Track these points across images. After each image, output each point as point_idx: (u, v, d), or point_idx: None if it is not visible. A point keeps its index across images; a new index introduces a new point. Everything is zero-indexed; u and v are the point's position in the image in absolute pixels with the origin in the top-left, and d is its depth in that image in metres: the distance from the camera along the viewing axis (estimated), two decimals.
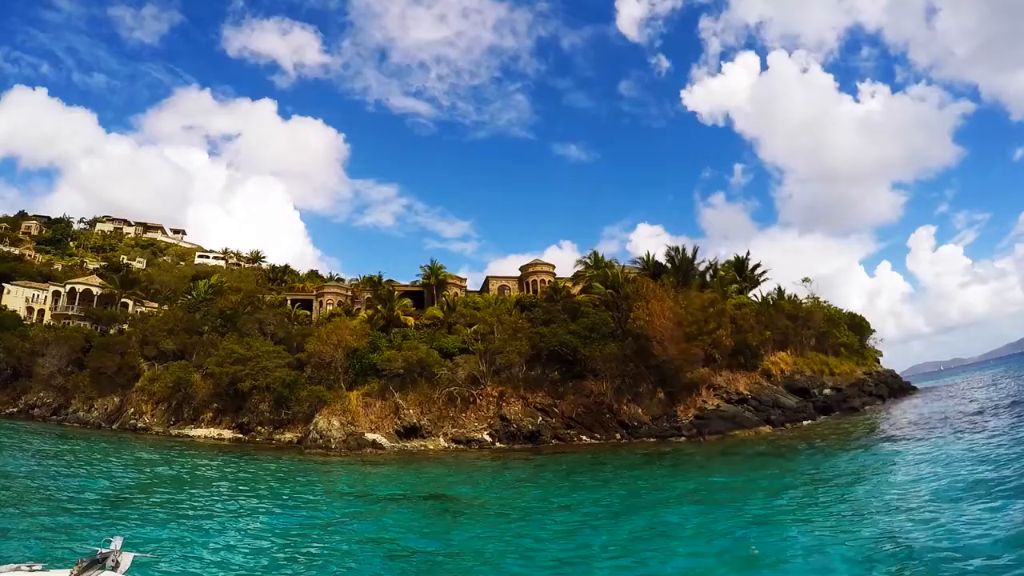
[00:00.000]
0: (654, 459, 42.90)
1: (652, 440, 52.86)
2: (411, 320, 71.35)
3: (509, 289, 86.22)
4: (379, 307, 73.27)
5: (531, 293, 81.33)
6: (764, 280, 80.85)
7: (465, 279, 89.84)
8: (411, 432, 56.75)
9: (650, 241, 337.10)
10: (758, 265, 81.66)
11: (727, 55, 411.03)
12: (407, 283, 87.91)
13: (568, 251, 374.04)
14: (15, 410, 72.38)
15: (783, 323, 65.40)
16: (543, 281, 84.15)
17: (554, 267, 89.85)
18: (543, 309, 67.28)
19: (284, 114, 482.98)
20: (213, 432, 62.24)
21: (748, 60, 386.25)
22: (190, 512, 25.91)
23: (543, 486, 34.50)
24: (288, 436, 59.51)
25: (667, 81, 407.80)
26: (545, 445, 53.60)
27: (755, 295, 76.91)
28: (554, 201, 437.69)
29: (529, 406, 57.77)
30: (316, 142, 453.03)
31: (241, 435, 61.21)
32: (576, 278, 78.81)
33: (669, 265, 72.86)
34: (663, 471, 37.58)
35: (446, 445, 55.29)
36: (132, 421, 66.09)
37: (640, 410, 56.46)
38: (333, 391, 60.04)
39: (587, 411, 56.79)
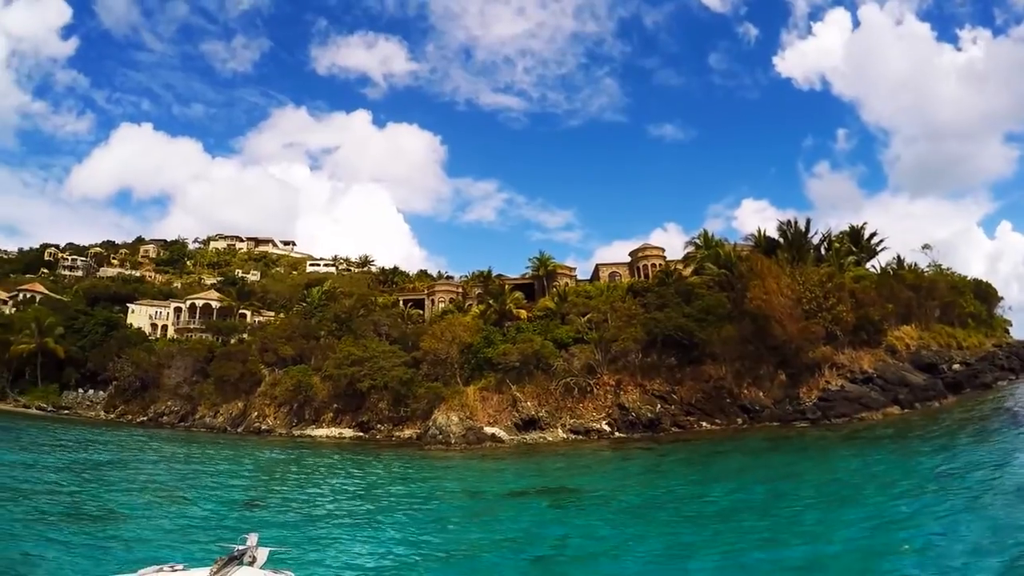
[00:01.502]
0: (780, 445, 43.05)
1: (775, 425, 52.81)
2: (523, 313, 73.79)
3: (619, 275, 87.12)
4: (491, 302, 76.12)
5: (642, 278, 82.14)
6: (881, 250, 77.92)
7: (574, 268, 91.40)
8: (529, 424, 58.95)
9: (756, 217, 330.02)
10: (874, 234, 78.63)
11: (816, 15, 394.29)
12: (516, 276, 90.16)
13: (673, 233, 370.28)
14: (145, 419, 78.89)
15: (905, 295, 63.16)
16: (654, 265, 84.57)
17: (664, 250, 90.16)
18: (656, 294, 68.12)
19: (379, 123, 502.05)
20: (334, 432, 65.91)
21: (838, 17, 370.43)
22: (317, 510, 27.76)
23: (669, 476, 34.91)
24: (407, 432, 62.55)
25: (757, 49, 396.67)
26: (665, 433, 54.68)
27: (873, 266, 74.52)
28: (655, 183, 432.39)
29: (647, 393, 59.02)
30: (413, 146, 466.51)
31: (362, 433, 64.79)
32: (687, 260, 79.40)
33: (781, 240, 72.21)
34: (792, 458, 37.63)
35: (564, 436, 57.03)
36: (256, 424, 71.12)
37: (761, 393, 56.58)
38: (450, 387, 62.91)
39: (706, 396, 57.41)
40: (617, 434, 55.91)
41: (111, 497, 29.47)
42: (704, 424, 55.71)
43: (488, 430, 58.32)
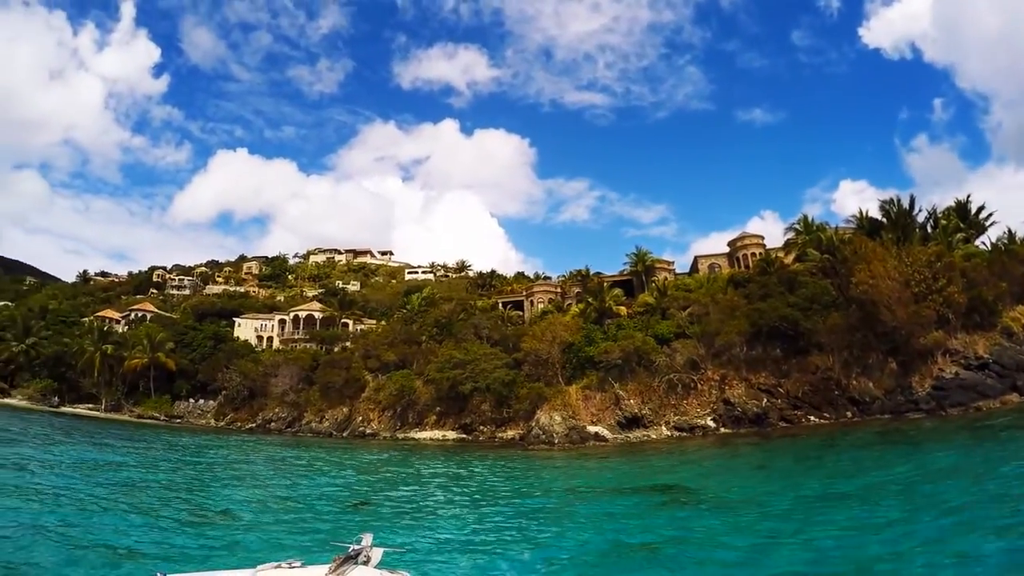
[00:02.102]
0: (896, 439, 41.35)
1: (886, 417, 50.77)
2: (623, 309, 73.94)
3: (719, 267, 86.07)
4: (590, 300, 76.71)
5: (742, 268, 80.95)
6: (991, 224, 73.39)
7: (672, 262, 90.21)
8: (633, 422, 59.22)
9: (855, 198, 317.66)
10: (981, 208, 74.23)
11: None
12: (614, 273, 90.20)
13: (771, 221, 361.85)
14: (254, 425, 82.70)
15: (1019, 271, 59.30)
16: (753, 254, 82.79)
17: (763, 238, 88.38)
18: (757, 283, 67.17)
19: (466, 130, 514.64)
20: (438, 434, 67.53)
21: None
22: (424, 510, 28.16)
23: (780, 472, 34.31)
24: (510, 433, 63.65)
25: (840, 22, 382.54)
26: (772, 428, 54.00)
27: (983, 243, 70.96)
28: (748, 171, 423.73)
29: (752, 388, 58.36)
30: (502, 151, 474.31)
31: (465, 435, 66.33)
32: (787, 247, 77.35)
33: (884, 220, 69.23)
34: (909, 451, 35.90)
35: (669, 434, 57.00)
36: (361, 428, 73.68)
37: (871, 384, 54.49)
38: (552, 387, 63.67)
39: (813, 389, 56.14)
40: (723, 430, 55.54)
41: (223, 497, 30.73)
42: (812, 418, 54.52)
43: (591, 429, 58.82)
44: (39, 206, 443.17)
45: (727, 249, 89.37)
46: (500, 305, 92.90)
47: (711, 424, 56.82)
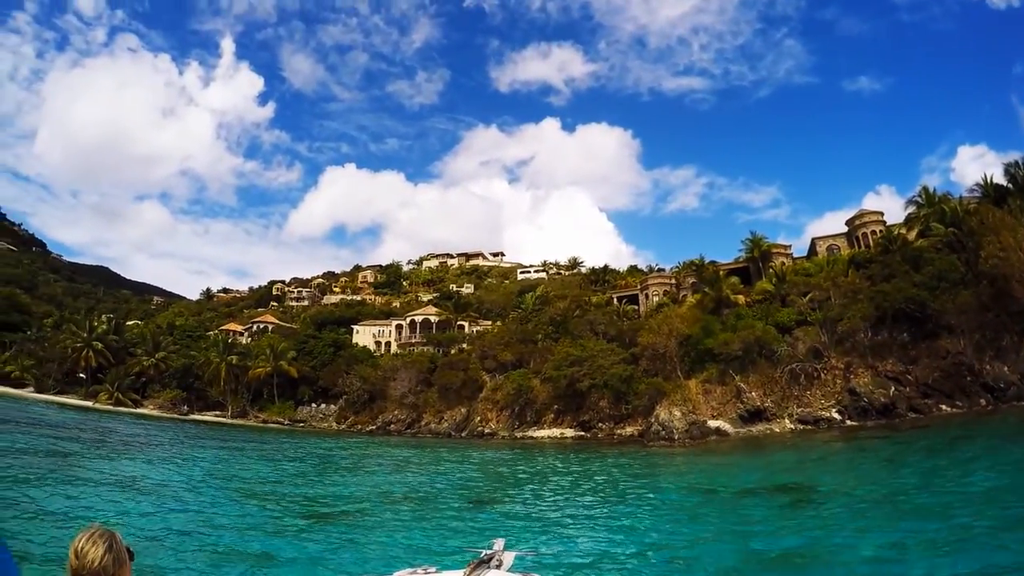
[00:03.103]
0: None
1: (1023, 404, 48.54)
2: (741, 298, 73.37)
3: (838, 248, 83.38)
4: (706, 290, 76.58)
5: (862, 248, 78.31)
6: None
7: (788, 246, 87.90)
8: (755, 416, 59.03)
9: (975, 164, 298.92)
10: None
11: None
12: (729, 261, 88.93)
13: (887, 196, 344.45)
14: (374, 427, 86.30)
15: None
16: (873, 232, 79.37)
17: (882, 214, 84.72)
18: (879, 263, 65.38)
19: (568, 127, 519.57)
20: (556, 432, 68.71)
21: None
22: (546, 509, 28.48)
23: (912, 468, 32.51)
24: (629, 430, 64.35)
25: None
26: (900, 419, 52.02)
27: None
28: (859, 144, 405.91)
29: (879, 376, 56.94)
30: (605, 144, 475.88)
31: (583, 433, 67.38)
32: (909, 222, 74.13)
33: (1010, 186, 65.84)
34: None
35: (792, 427, 56.36)
36: (479, 428, 75.96)
37: (1006, 368, 52.06)
38: (671, 381, 64.00)
39: (944, 375, 53.96)
40: (848, 422, 54.21)
41: (345, 498, 32.08)
42: (944, 407, 52.37)
43: (712, 424, 58.98)
44: (162, 232, 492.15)
45: (845, 228, 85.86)
46: (615, 300, 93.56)
47: (836, 416, 55.75)
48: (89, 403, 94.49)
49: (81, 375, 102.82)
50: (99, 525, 3.55)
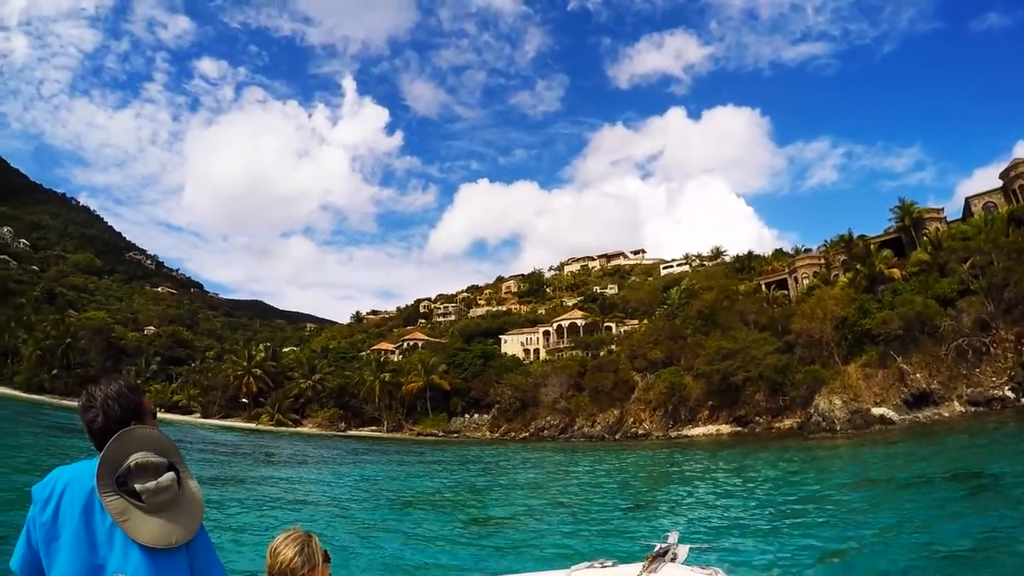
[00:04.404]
0: None
1: None
2: (896, 272, 69.95)
3: (994, 205, 76.67)
4: (858, 267, 73.54)
5: (1022, 202, 72.39)
6: None
7: (941, 209, 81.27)
8: (920, 400, 56.85)
9: None
10: None
11: None
12: (879, 234, 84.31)
13: None
14: (527, 434, 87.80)
15: None
16: None
17: None
18: None
19: (694, 115, 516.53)
20: (711, 429, 68.20)
21: None
22: (703, 508, 27.86)
23: None
24: (787, 423, 63.16)
25: None
26: None
27: None
28: (998, 88, 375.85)
29: None
30: (734, 126, 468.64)
31: (739, 428, 66.70)
32: None
33: None
34: None
35: (962, 409, 53.81)
36: (633, 429, 76.03)
37: None
38: (828, 368, 62.66)
39: None
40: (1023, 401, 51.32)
41: (505, 503, 32.27)
42: None
43: (875, 411, 57.21)
44: (310, 264, 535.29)
45: (999, 183, 79.50)
46: (762, 287, 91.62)
47: (1010, 395, 52.66)
48: (252, 425, 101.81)
49: (243, 400, 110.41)
50: (298, 528, 3.80)
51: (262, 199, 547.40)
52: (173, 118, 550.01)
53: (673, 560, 7.63)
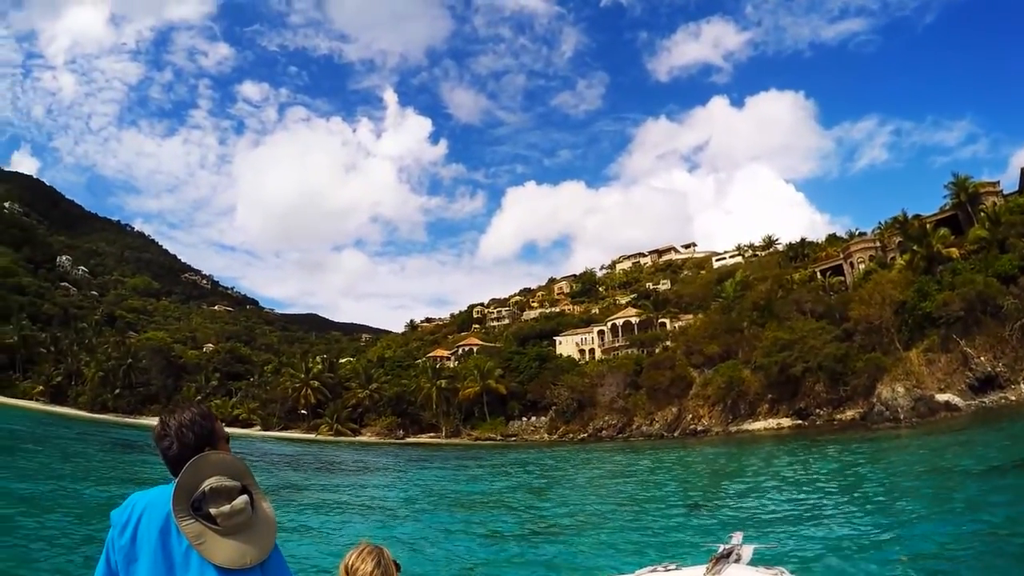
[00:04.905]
0: None
1: None
2: (954, 251, 68.02)
3: None
4: (914, 248, 71.57)
5: None
6: None
7: (997, 182, 78.47)
8: (986, 384, 55.65)
9: None
10: None
11: None
12: (934, 212, 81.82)
13: None
14: (585, 435, 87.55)
15: None
16: None
17: None
18: None
19: (737, 102, 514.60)
20: (771, 423, 67.63)
21: None
22: (767, 507, 27.12)
23: None
24: (849, 414, 62.37)
25: None
26: None
27: None
28: None
29: None
30: (779, 111, 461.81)
31: (800, 421, 65.99)
32: None
33: None
34: None
35: None
36: (691, 426, 75.67)
37: None
38: (889, 355, 61.85)
39: None
40: None
41: (566, 504, 32.38)
42: None
43: (940, 398, 55.94)
44: (362, 276, 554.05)
45: None
46: (818, 274, 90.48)
47: None
48: (311, 436, 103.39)
49: (302, 411, 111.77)
50: (367, 542, 3.86)
51: (312, 215, 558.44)
52: (220, 142, 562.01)
53: (737, 561, 7.59)
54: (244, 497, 3.20)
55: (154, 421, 3.54)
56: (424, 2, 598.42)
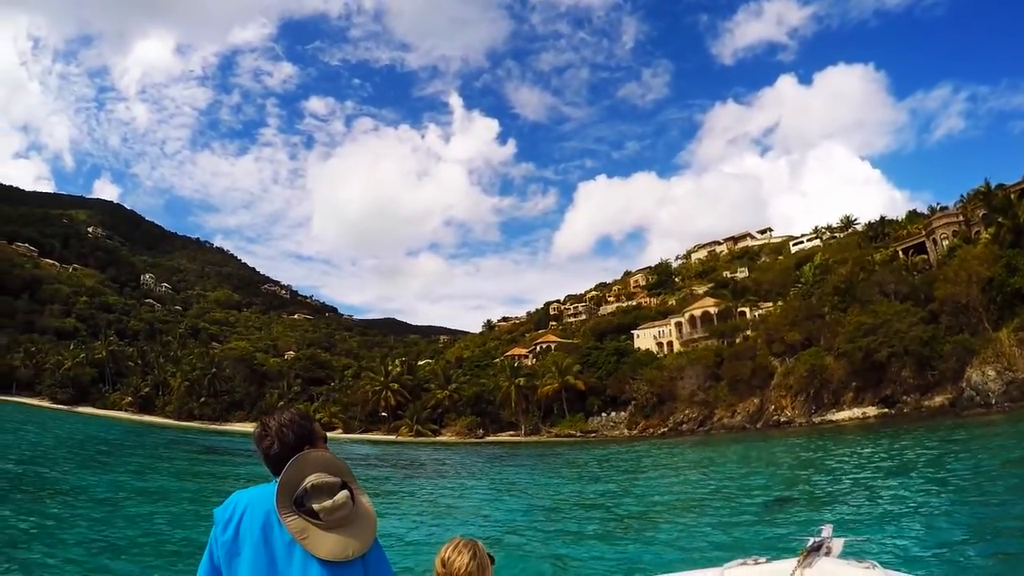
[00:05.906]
0: None
1: None
2: None
3: None
4: (999, 220, 68.36)
5: None
6: None
7: None
8: None
9: None
10: None
11: None
12: (1017, 180, 77.70)
13: None
14: (665, 429, 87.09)
15: None
16: None
17: None
18: None
19: (805, 80, 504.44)
20: (856, 412, 66.53)
21: None
22: (862, 500, 26.35)
23: None
24: (938, 400, 61.02)
25: None
26: None
27: None
28: None
29: None
30: (848, 85, 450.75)
31: (886, 409, 64.72)
32: None
33: None
34: None
35: None
36: (774, 417, 74.73)
37: None
38: (978, 336, 60.32)
39: None
40: None
41: (648, 500, 32.19)
42: None
43: None
44: (438, 278, 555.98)
45: None
46: (899, 253, 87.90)
47: None
48: (393, 437, 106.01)
49: (383, 413, 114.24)
50: (462, 536, 3.99)
51: (386, 221, 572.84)
52: (291, 157, 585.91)
53: (828, 554, 7.33)
54: (345, 492, 3.34)
55: (239, 427, 3.59)
56: (481, 5, 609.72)
